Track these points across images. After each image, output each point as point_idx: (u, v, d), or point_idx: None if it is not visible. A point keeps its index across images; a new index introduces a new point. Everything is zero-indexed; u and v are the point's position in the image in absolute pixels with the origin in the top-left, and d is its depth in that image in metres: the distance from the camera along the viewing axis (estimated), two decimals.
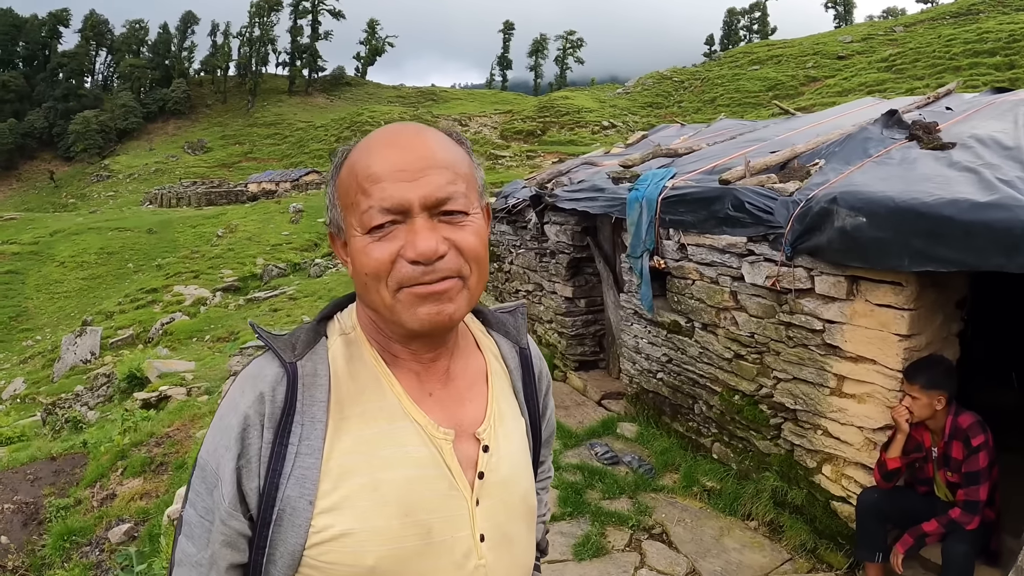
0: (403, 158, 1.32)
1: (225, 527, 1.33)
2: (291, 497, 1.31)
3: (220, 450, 1.34)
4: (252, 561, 1.36)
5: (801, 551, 5.19)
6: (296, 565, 1.33)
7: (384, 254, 1.30)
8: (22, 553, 7.58)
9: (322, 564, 1.31)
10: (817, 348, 5.09)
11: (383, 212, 1.30)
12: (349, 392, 1.40)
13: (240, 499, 1.33)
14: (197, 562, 1.35)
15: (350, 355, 1.44)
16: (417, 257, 1.28)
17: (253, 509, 1.33)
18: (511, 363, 1.65)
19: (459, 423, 1.47)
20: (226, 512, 1.32)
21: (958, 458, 4.26)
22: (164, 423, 10.19)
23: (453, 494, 1.40)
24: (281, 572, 1.34)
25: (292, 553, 1.32)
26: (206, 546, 1.34)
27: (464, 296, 1.36)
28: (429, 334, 1.39)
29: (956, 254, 3.84)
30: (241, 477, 1.33)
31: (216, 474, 1.34)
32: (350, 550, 1.30)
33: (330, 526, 1.31)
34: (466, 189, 1.37)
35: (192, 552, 1.36)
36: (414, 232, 1.29)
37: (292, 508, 1.31)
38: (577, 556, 5.20)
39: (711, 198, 5.89)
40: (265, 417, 1.34)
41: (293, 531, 1.31)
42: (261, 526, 1.33)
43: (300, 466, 1.32)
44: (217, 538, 1.33)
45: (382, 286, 1.32)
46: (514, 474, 1.53)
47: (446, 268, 1.31)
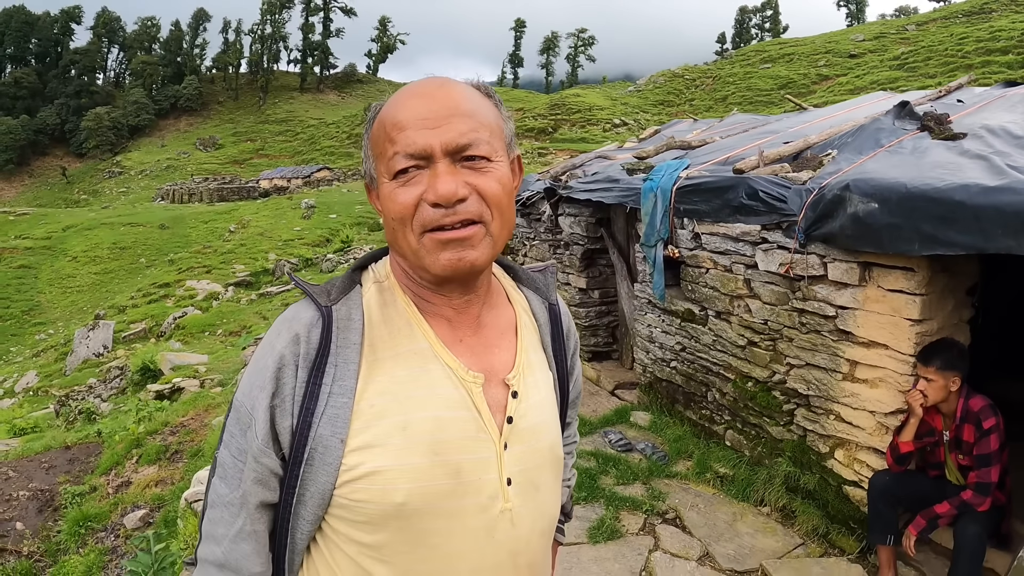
0: (427, 107, 1.37)
1: (257, 464, 1.38)
2: (323, 436, 1.36)
3: (255, 390, 1.40)
4: (282, 500, 1.41)
5: (813, 536, 5.24)
6: (326, 505, 1.38)
7: (408, 198, 1.36)
8: (37, 539, 7.60)
9: (351, 503, 1.36)
10: (830, 334, 5.15)
11: (407, 157, 1.35)
12: (382, 336, 1.45)
13: (273, 437, 1.39)
14: (229, 502, 1.41)
15: (383, 301, 1.50)
16: (437, 199, 1.32)
17: (285, 448, 1.39)
18: (540, 318, 1.70)
19: (489, 369, 1.50)
20: (259, 449, 1.38)
21: (970, 441, 4.30)
22: (179, 413, 10.23)
23: (482, 436, 1.44)
24: (310, 512, 1.39)
25: (322, 492, 1.37)
26: (238, 486, 1.40)
27: (487, 243, 1.40)
28: (452, 279, 1.43)
29: (966, 237, 3.89)
30: (275, 416, 1.38)
31: (250, 414, 1.39)
32: (379, 487, 1.34)
33: (360, 464, 1.35)
34: (489, 137, 1.40)
35: (224, 492, 1.42)
36: (435, 176, 1.34)
37: (324, 447, 1.36)
38: (592, 539, 5.26)
39: (725, 187, 5.95)
40: (300, 357, 1.39)
41: (324, 470, 1.36)
42: (292, 465, 1.38)
43: (333, 406, 1.37)
44: (249, 476, 1.39)
45: (407, 230, 1.38)
46: (542, 422, 1.56)
47: (467, 212, 1.35)
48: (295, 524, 1.41)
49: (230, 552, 1.40)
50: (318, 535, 1.44)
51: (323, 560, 1.44)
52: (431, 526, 1.37)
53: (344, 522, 1.39)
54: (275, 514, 1.43)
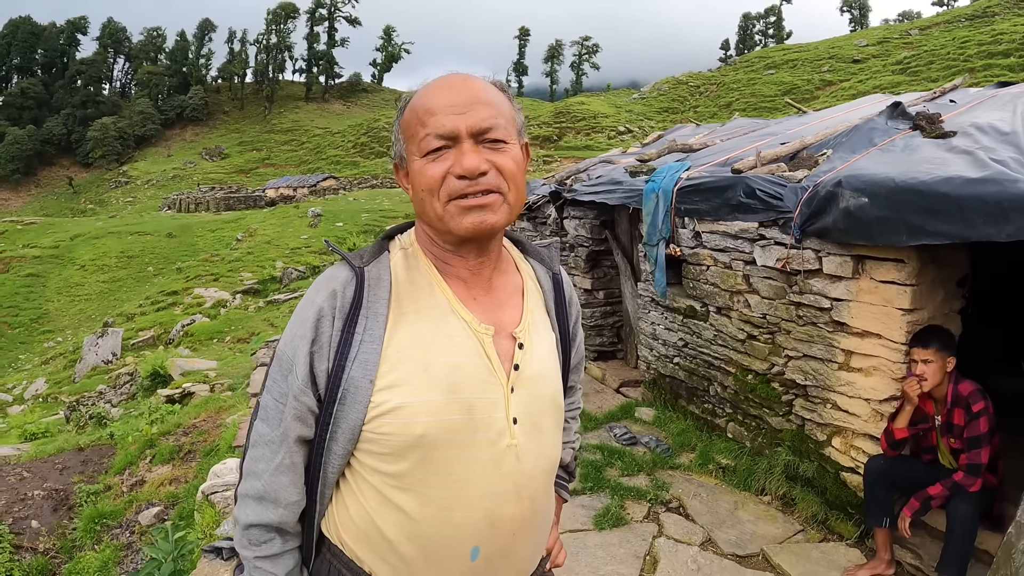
0: (454, 96, 1.62)
1: (297, 403, 1.63)
2: (355, 378, 1.60)
3: (296, 339, 1.65)
4: (317, 436, 1.66)
5: (812, 522, 5.41)
6: (355, 440, 1.63)
7: (437, 171, 1.60)
8: (53, 536, 7.75)
9: (378, 436, 1.60)
10: (825, 325, 5.32)
11: (437, 138, 1.60)
12: (407, 293, 1.70)
13: (311, 379, 1.64)
14: (270, 440, 1.67)
15: (408, 265, 1.75)
16: (464, 172, 1.58)
17: (322, 389, 1.64)
18: (545, 285, 1.95)
19: (498, 323, 1.75)
20: (299, 389, 1.62)
21: (960, 424, 4.46)
22: (191, 415, 10.39)
23: (491, 380, 1.67)
24: (341, 447, 1.64)
25: (353, 428, 1.62)
26: (279, 425, 1.66)
27: (504, 209, 1.65)
28: (474, 239, 1.68)
29: (950, 227, 4.07)
30: (313, 360, 1.63)
31: (292, 360, 1.65)
32: (402, 421, 1.58)
33: (386, 401, 1.59)
34: (505, 124, 1.66)
35: (266, 432, 1.68)
36: (462, 153, 1.59)
37: (355, 387, 1.60)
38: (598, 526, 5.43)
39: (724, 186, 6.14)
40: (336, 310, 1.64)
41: (355, 407, 1.60)
42: (327, 403, 1.62)
43: (364, 351, 1.62)
44: (289, 414, 1.64)
45: (435, 199, 1.62)
46: (545, 372, 1.81)
47: (487, 183, 1.60)
48: (328, 458, 1.66)
49: (270, 484, 1.65)
50: (346, 470, 1.69)
51: (350, 491, 1.69)
52: (446, 456, 1.61)
53: (370, 455, 1.63)
54: (310, 451, 1.68)
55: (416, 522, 1.62)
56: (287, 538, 1.70)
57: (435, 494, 1.61)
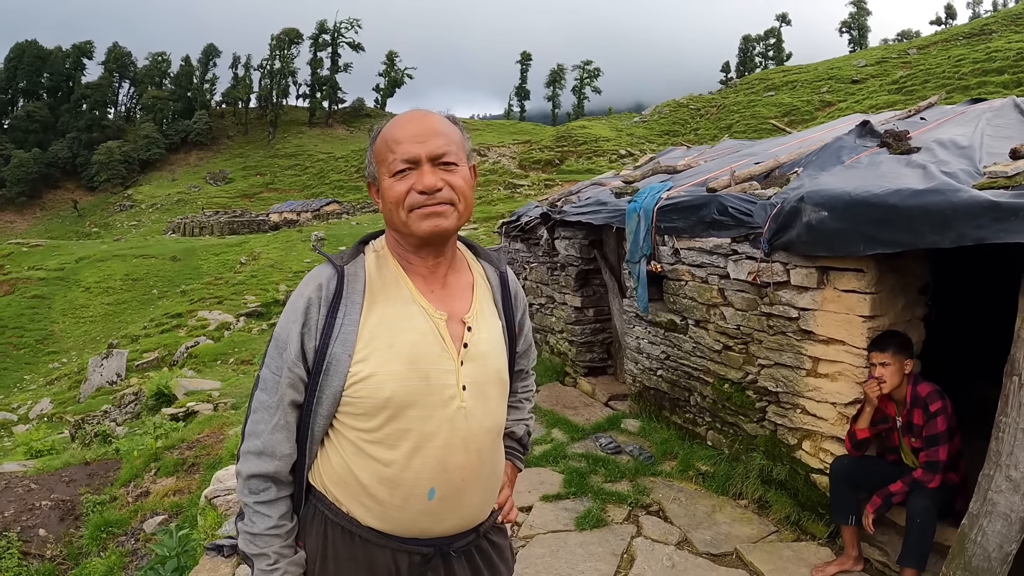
0: (416, 129, 2.06)
1: (291, 373, 2.05)
2: (336, 353, 2.02)
3: (290, 323, 2.07)
4: (305, 402, 2.07)
5: (786, 523, 5.62)
6: (336, 403, 2.05)
7: (403, 188, 2.03)
8: (60, 544, 7.91)
9: (354, 399, 2.02)
10: (794, 334, 5.59)
11: (403, 162, 2.03)
12: (378, 286, 2.13)
13: (302, 355, 2.06)
14: (268, 405, 2.09)
15: (379, 264, 2.18)
16: (424, 188, 2.01)
17: (310, 363, 2.06)
18: (493, 282, 2.38)
19: (451, 310, 2.17)
20: (292, 362, 2.04)
21: (919, 424, 4.67)
22: (195, 431, 10.57)
23: (444, 355, 2.09)
24: (326, 410, 2.06)
25: (335, 393, 2.03)
26: (276, 392, 2.07)
27: (455, 216, 2.07)
28: (432, 241, 2.10)
29: (900, 236, 4.34)
30: (304, 339, 2.05)
31: (286, 340, 2.07)
32: (373, 386, 1.99)
33: (361, 371, 2.01)
34: (457, 150, 2.09)
35: (265, 399, 2.09)
36: (422, 174, 2.02)
37: (337, 361, 2.02)
38: (579, 527, 5.67)
39: (699, 205, 6.44)
40: (322, 300, 2.07)
41: (337, 377, 2.02)
42: (314, 375, 2.04)
43: (343, 332, 2.04)
44: (284, 382, 2.06)
45: (400, 209, 2.04)
46: (490, 350, 2.23)
47: (442, 196, 2.03)
48: (314, 420, 2.07)
49: (268, 441, 2.07)
50: (329, 429, 2.10)
51: (332, 446, 2.11)
52: (408, 414, 2.02)
53: (348, 415, 2.05)
54: (300, 412, 2.08)
55: (385, 467, 2.03)
56: (281, 487, 2.10)
57: (400, 444, 2.02)
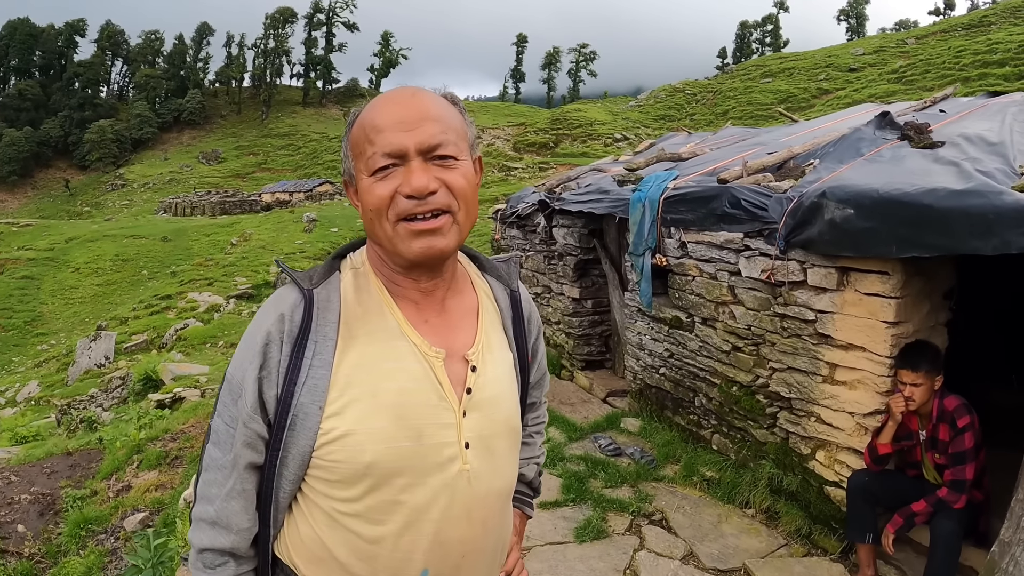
0: (402, 112, 1.58)
1: (247, 429, 1.60)
2: (304, 403, 1.58)
3: (245, 363, 1.61)
4: (267, 462, 1.62)
5: (796, 536, 5.34)
6: (305, 465, 1.60)
7: (385, 191, 1.56)
8: (38, 541, 7.70)
9: (327, 463, 1.58)
10: (810, 338, 5.28)
11: (385, 156, 1.56)
12: (356, 316, 1.67)
13: (260, 405, 1.61)
14: (222, 465, 1.63)
15: (358, 285, 1.71)
16: (412, 191, 1.54)
17: (271, 415, 1.60)
18: (502, 303, 1.91)
19: (450, 346, 1.71)
20: (248, 416, 1.60)
21: (945, 440, 4.42)
22: (179, 420, 10.36)
23: (443, 404, 1.64)
24: (292, 472, 1.61)
25: (303, 454, 1.59)
26: (230, 450, 1.62)
27: (454, 231, 1.61)
28: (423, 264, 1.64)
29: (939, 240, 4.03)
30: (262, 386, 1.60)
31: (241, 385, 1.61)
32: (351, 448, 1.56)
33: (335, 428, 1.57)
34: (456, 139, 1.61)
35: (218, 456, 1.64)
36: (410, 172, 1.55)
37: (304, 413, 1.58)
38: (578, 538, 5.37)
39: (710, 196, 6.10)
40: (284, 334, 1.61)
41: (304, 434, 1.58)
42: (277, 430, 1.60)
43: (313, 377, 1.59)
44: (239, 440, 1.61)
45: (383, 219, 1.58)
46: (499, 394, 1.76)
47: (436, 202, 1.56)
48: (279, 484, 1.63)
49: (222, 510, 1.62)
50: (298, 494, 1.66)
51: (302, 515, 1.66)
52: (396, 483, 1.58)
53: (321, 481, 1.60)
54: (261, 475, 1.64)
55: (367, 545, 1.60)
56: (241, 562, 1.68)
57: (386, 519, 1.60)
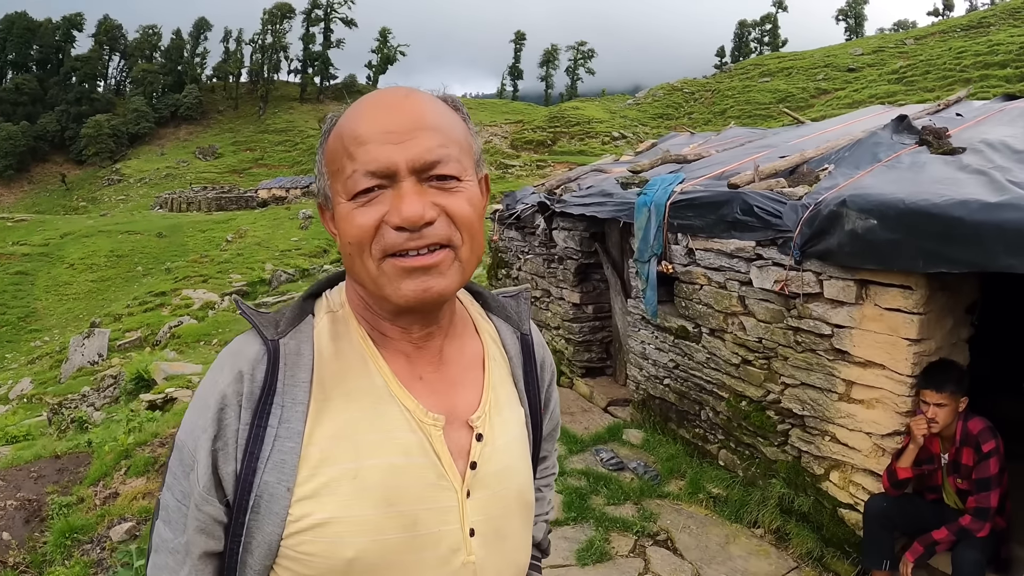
0: (391, 119, 1.24)
1: (200, 512, 1.27)
2: (269, 483, 1.25)
3: (197, 431, 1.28)
4: (228, 549, 1.29)
5: (807, 559, 5.13)
6: (273, 555, 1.26)
7: (368, 220, 1.23)
8: (23, 549, 7.52)
9: (300, 555, 1.25)
10: (825, 353, 5.04)
11: (368, 176, 1.22)
12: (333, 372, 1.33)
13: (216, 484, 1.27)
14: (174, 548, 1.30)
15: (336, 333, 1.37)
16: (402, 223, 1.20)
17: (229, 494, 1.27)
18: (511, 349, 1.57)
19: (451, 409, 1.38)
20: (200, 496, 1.26)
21: (968, 464, 4.21)
22: (169, 424, 10.17)
23: (442, 484, 1.32)
24: (258, 562, 1.27)
25: (269, 543, 1.25)
26: (182, 532, 1.29)
27: (455, 269, 1.28)
28: (416, 310, 1.31)
29: (968, 255, 3.80)
30: (217, 460, 1.27)
31: (193, 455, 1.28)
32: (328, 540, 1.24)
33: (308, 514, 1.24)
34: (459, 154, 1.28)
35: (169, 537, 1.31)
36: (400, 196, 1.21)
37: (270, 495, 1.24)
38: (580, 561, 5.14)
39: (720, 202, 5.85)
40: (243, 397, 1.27)
41: (270, 519, 1.25)
42: (237, 512, 1.27)
43: (279, 450, 1.26)
44: (192, 524, 1.27)
45: (366, 255, 1.25)
46: (510, 466, 1.44)
47: (434, 235, 1.23)
48: (242, 572, 1.29)
49: None
50: None
51: None
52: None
53: (293, 574, 1.27)
54: (221, 563, 1.31)
55: None
56: None
57: None
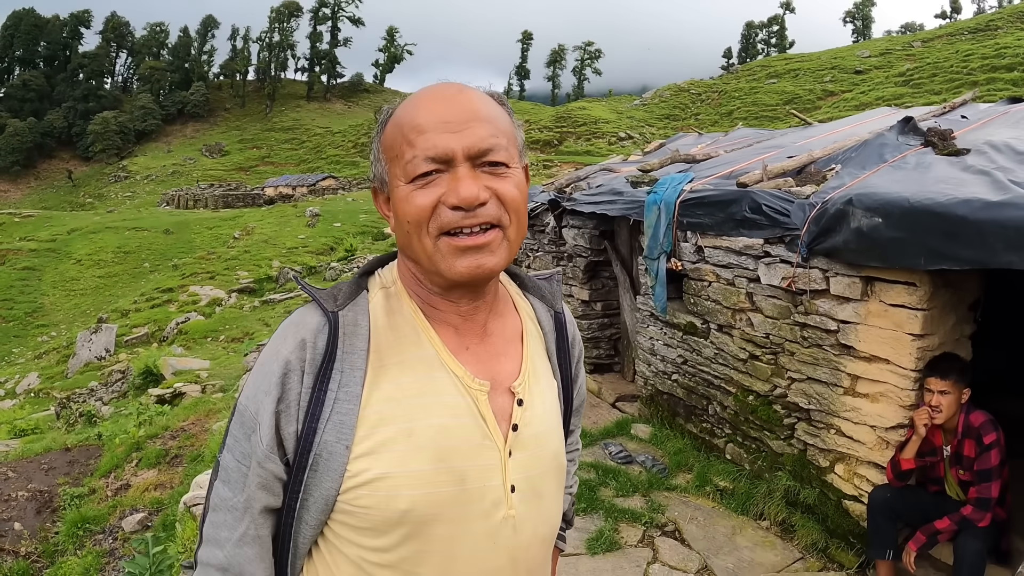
0: (448, 111, 1.37)
1: (262, 469, 1.39)
2: (328, 442, 1.37)
3: (260, 395, 1.41)
4: (286, 505, 1.42)
5: (812, 550, 5.23)
6: (329, 510, 1.39)
7: (426, 200, 1.35)
8: (35, 539, 7.59)
9: (355, 509, 1.37)
10: (831, 348, 5.15)
11: (427, 161, 1.35)
12: (388, 342, 1.46)
13: (278, 443, 1.39)
14: (232, 506, 1.41)
15: (390, 308, 1.50)
16: (459, 202, 1.33)
17: (290, 453, 1.40)
18: (546, 326, 1.70)
19: (494, 376, 1.51)
20: (263, 455, 1.38)
21: (970, 456, 4.31)
22: (179, 417, 10.25)
23: (486, 443, 1.45)
24: (314, 517, 1.40)
25: (326, 498, 1.38)
26: (242, 490, 1.40)
27: (504, 248, 1.41)
28: (467, 285, 1.44)
29: (970, 252, 3.91)
30: (280, 421, 1.39)
31: (255, 419, 1.40)
32: (384, 494, 1.35)
33: (365, 470, 1.36)
34: (507, 144, 1.41)
35: (228, 496, 1.42)
36: (457, 179, 1.34)
37: (329, 453, 1.37)
38: (590, 550, 5.25)
39: (729, 200, 5.96)
40: (306, 363, 1.40)
41: (329, 476, 1.37)
42: (297, 470, 1.39)
43: (338, 412, 1.38)
44: (253, 481, 1.40)
45: (423, 233, 1.37)
46: (546, 430, 1.57)
47: (487, 215, 1.36)
48: (298, 528, 1.42)
49: (233, 556, 1.41)
50: (320, 539, 1.45)
51: (324, 564, 1.46)
52: (434, 532, 1.39)
53: (347, 527, 1.40)
54: (278, 519, 1.44)
55: None
56: None
57: (422, 572, 1.41)
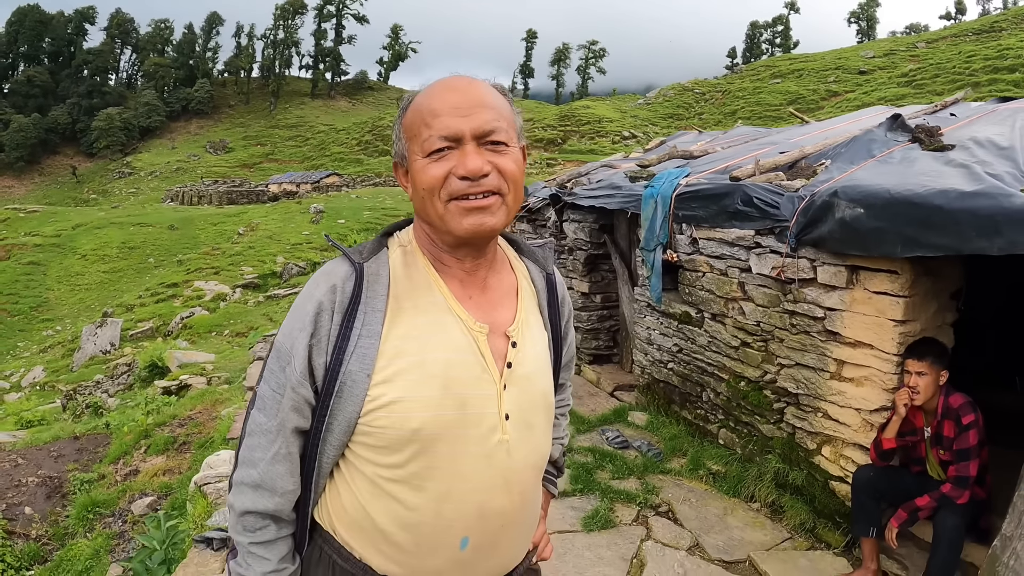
0: (459, 98, 1.66)
1: (295, 394, 1.67)
2: (352, 371, 1.65)
3: (295, 331, 1.69)
4: (313, 428, 1.70)
5: (800, 530, 5.42)
6: (351, 432, 1.68)
7: (439, 171, 1.64)
8: (45, 523, 7.74)
9: (373, 429, 1.65)
10: (818, 335, 5.35)
11: (441, 139, 1.63)
12: (405, 289, 1.75)
13: (309, 372, 1.68)
14: (267, 429, 1.71)
15: (406, 262, 1.79)
16: (467, 173, 1.61)
17: (319, 382, 1.68)
18: (538, 284, 1.99)
19: (492, 322, 1.79)
20: (297, 381, 1.67)
21: (950, 436, 4.48)
22: (187, 406, 10.40)
23: (485, 376, 1.72)
24: (337, 439, 1.69)
25: (348, 420, 1.66)
26: (276, 415, 1.70)
27: (503, 211, 1.69)
28: (472, 242, 1.72)
29: (944, 239, 4.12)
30: (312, 353, 1.67)
31: (290, 352, 1.69)
32: (398, 415, 1.63)
33: (383, 395, 1.64)
34: (507, 127, 1.70)
35: (263, 421, 1.72)
36: (465, 155, 1.63)
37: (352, 380, 1.65)
38: (586, 528, 5.44)
39: (722, 194, 6.17)
40: (336, 304, 1.69)
41: (351, 400, 1.65)
42: (324, 396, 1.67)
43: (361, 346, 1.66)
44: (287, 404, 1.68)
45: (436, 198, 1.66)
46: (537, 370, 1.86)
47: (488, 184, 1.64)
48: (323, 449, 1.70)
49: (266, 473, 1.70)
50: (340, 460, 1.73)
51: (344, 481, 1.74)
52: (439, 450, 1.66)
53: (365, 447, 1.68)
54: (305, 441, 1.72)
55: (409, 512, 1.67)
56: (282, 525, 1.75)
57: (428, 486, 1.67)
